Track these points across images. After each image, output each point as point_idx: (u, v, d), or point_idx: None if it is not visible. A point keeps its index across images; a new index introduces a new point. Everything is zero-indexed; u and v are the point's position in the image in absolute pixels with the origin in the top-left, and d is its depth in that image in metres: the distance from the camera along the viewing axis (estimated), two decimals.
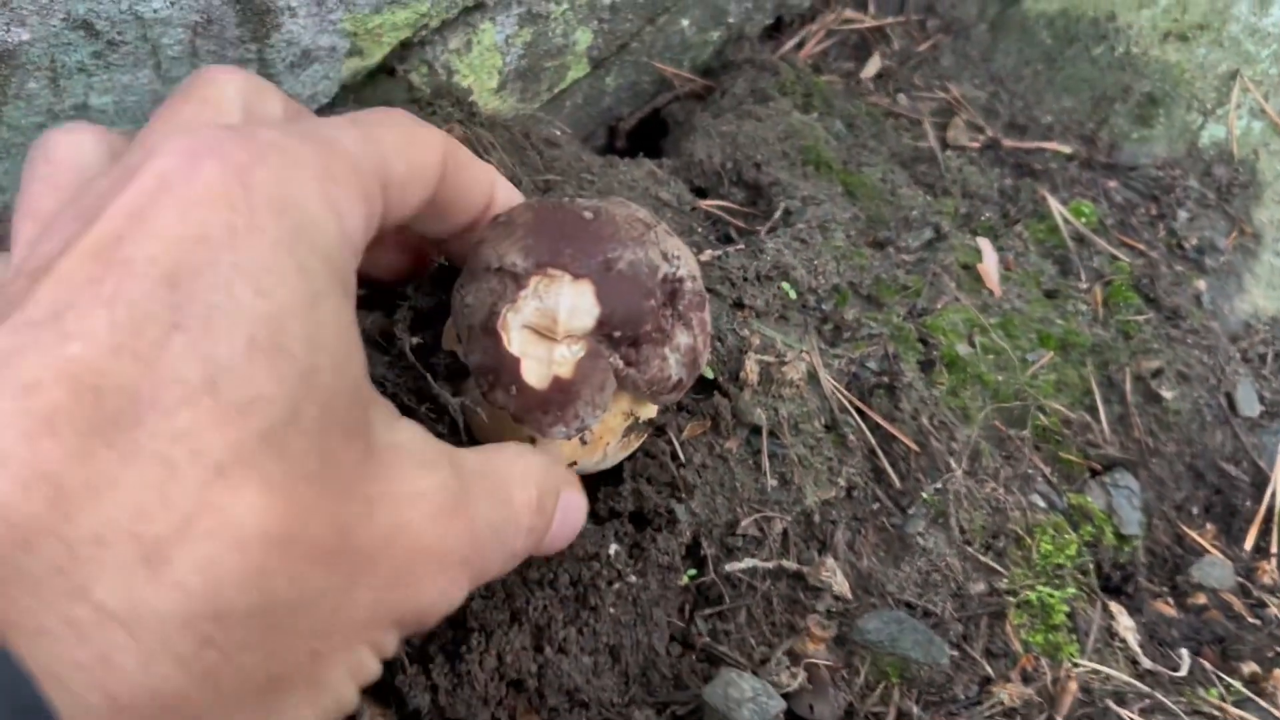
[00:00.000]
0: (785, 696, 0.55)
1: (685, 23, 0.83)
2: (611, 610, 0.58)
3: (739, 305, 0.67)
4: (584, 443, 0.54)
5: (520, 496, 0.47)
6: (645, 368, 0.51)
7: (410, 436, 0.44)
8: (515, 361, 0.50)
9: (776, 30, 0.91)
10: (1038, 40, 0.88)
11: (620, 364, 0.51)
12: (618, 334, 0.51)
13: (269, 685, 0.37)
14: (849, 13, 0.89)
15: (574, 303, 0.50)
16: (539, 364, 0.50)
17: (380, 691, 0.53)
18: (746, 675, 0.55)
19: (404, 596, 0.42)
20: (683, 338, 0.53)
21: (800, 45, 0.89)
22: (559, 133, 0.74)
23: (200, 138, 0.39)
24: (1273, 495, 0.71)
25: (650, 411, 0.57)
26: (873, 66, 0.87)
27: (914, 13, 0.91)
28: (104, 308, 0.36)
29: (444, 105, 0.71)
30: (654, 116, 0.85)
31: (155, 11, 0.61)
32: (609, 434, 0.55)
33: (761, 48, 0.85)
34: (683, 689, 0.58)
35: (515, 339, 0.50)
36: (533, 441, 0.54)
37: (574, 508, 0.53)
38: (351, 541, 0.39)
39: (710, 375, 0.64)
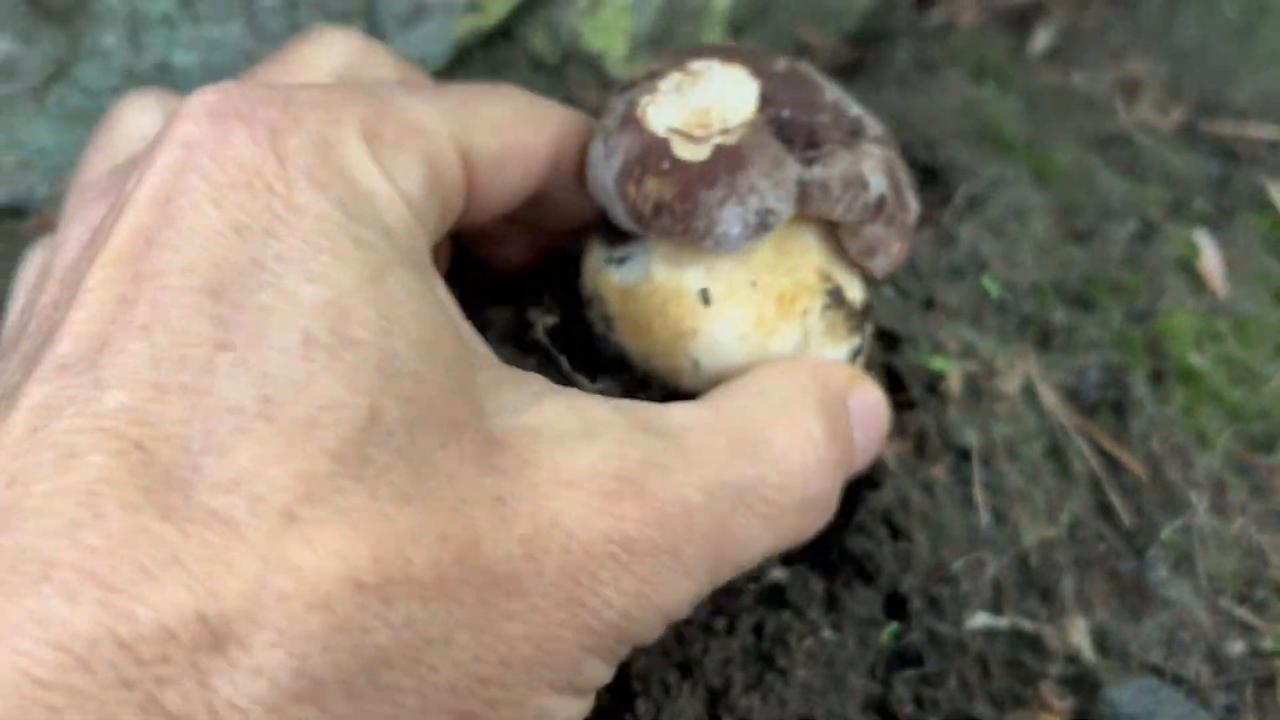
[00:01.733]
0: None
1: None
2: (801, 673, 0.47)
3: (929, 304, 0.56)
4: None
5: (786, 439, 0.38)
6: (831, 163, 0.40)
7: (559, 412, 0.35)
8: (663, 140, 0.41)
9: (922, 3, 0.81)
10: (1221, 13, 0.78)
11: (797, 166, 0.40)
12: (787, 114, 0.41)
13: None
14: None
15: (725, 85, 0.42)
16: (693, 145, 0.41)
17: None
18: None
19: (589, 614, 0.33)
20: (877, 150, 0.42)
21: (949, 23, 0.79)
22: None
23: (227, 96, 0.35)
24: None
25: (855, 290, 0.45)
26: (1040, 40, 0.77)
27: None
28: (141, 339, 0.30)
29: (574, 71, 0.61)
30: None
31: None
32: (805, 295, 0.43)
33: (919, 17, 0.76)
34: None
35: (659, 126, 0.41)
36: (703, 312, 0.43)
37: (869, 409, 0.43)
38: (479, 561, 0.31)
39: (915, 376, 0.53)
